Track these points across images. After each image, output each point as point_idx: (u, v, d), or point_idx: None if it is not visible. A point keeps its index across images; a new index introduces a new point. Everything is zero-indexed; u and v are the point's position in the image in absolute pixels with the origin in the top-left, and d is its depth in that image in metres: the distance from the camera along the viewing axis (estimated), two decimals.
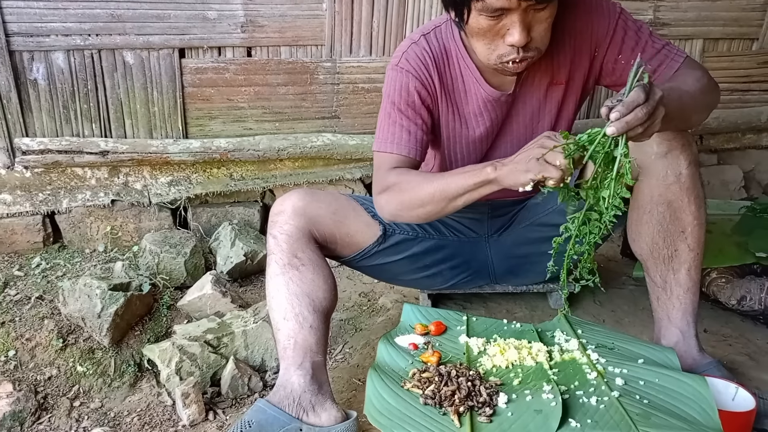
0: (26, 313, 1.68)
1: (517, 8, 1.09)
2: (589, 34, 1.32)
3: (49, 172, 1.98)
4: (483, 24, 1.15)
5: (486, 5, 1.10)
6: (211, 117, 2.03)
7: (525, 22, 1.12)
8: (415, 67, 1.33)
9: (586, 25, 1.31)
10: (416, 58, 1.33)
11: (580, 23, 1.31)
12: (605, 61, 1.35)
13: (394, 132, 1.34)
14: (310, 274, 1.30)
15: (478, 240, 1.59)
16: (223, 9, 1.91)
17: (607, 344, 1.25)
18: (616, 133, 0.98)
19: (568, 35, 1.31)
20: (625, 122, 0.97)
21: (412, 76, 1.33)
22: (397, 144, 1.33)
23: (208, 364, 1.55)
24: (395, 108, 1.34)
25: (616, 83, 1.38)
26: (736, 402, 1.15)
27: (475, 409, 1.03)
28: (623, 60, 1.32)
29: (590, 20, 1.31)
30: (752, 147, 2.53)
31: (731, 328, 1.68)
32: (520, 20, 1.11)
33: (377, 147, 1.36)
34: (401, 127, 1.34)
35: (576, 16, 1.29)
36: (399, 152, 1.33)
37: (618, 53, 1.32)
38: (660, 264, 1.31)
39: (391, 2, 1.99)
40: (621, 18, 1.31)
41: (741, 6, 2.25)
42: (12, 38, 1.80)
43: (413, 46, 1.34)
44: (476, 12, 1.13)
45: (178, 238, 1.98)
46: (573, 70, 1.36)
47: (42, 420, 1.49)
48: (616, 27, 1.30)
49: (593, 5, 1.31)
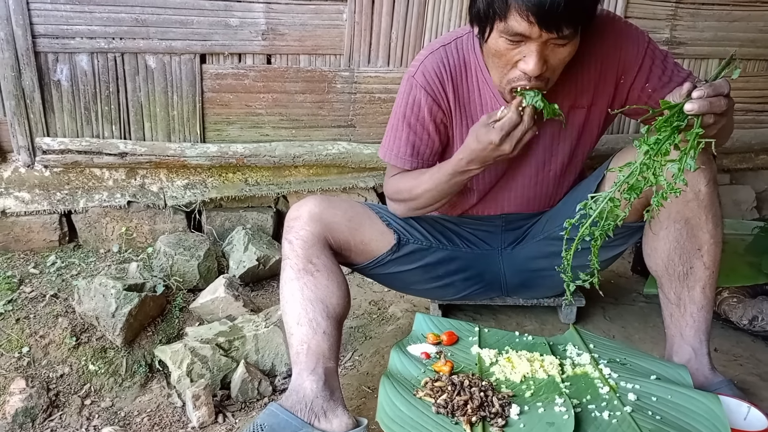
0: (40, 311, 1.70)
1: (538, 39, 1.10)
2: (617, 60, 1.31)
3: (67, 171, 2.00)
4: (501, 46, 1.16)
5: (507, 28, 1.11)
6: (228, 122, 2.06)
7: (542, 53, 1.13)
8: (429, 82, 1.34)
9: (614, 51, 1.30)
10: (432, 71, 1.34)
11: (608, 48, 1.30)
12: (632, 89, 1.34)
13: (399, 146, 1.41)
14: (325, 280, 1.31)
15: (492, 252, 1.59)
16: (245, 16, 1.94)
17: (619, 359, 1.25)
18: (694, 110, 0.98)
19: (594, 59, 1.30)
20: (708, 102, 0.97)
21: (425, 91, 1.34)
22: (401, 158, 1.43)
23: (219, 367, 1.56)
24: (405, 121, 1.39)
25: (638, 112, 1.37)
26: (748, 421, 1.15)
27: (487, 419, 1.04)
28: (650, 89, 1.32)
29: (618, 46, 1.30)
30: (765, 168, 2.53)
31: (742, 348, 1.67)
32: (537, 50, 1.12)
33: (382, 154, 1.46)
34: (406, 142, 1.40)
35: (603, 40, 1.29)
36: (402, 166, 1.43)
37: (645, 81, 1.32)
38: (675, 281, 1.31)
39: (410, 14, 2.01)
40: (650, 47, 1.31)
41: (758, 27, 2.25)
42: (38, 39, 1.84)
43: (431, 56, 1.35)
44: (497, 32, 1.14)
45: (192, 240, 2.00)
46: (596, 95, 1.35)
47: (53, 417, 1.50)
48: (645, 55, 1.30)
49: (622, 31, 1.30)
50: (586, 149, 1.44)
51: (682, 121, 1.02)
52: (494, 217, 1.56)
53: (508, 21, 1.10)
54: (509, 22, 1.10)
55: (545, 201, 1.53)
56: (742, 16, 2.22)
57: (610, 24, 1.30)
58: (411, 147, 1.40)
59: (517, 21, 1.09)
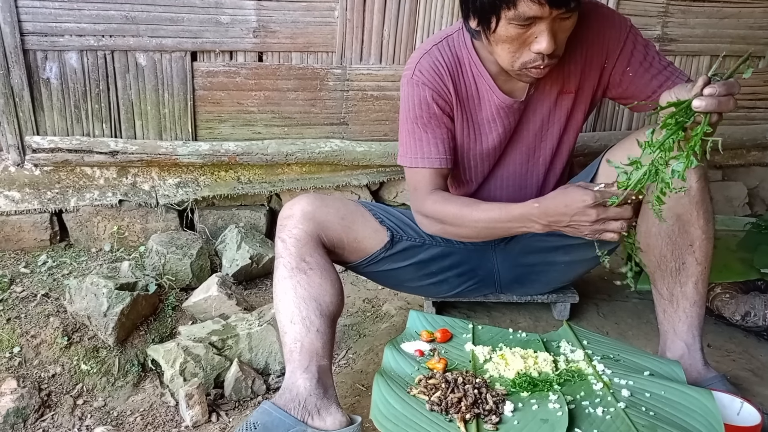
0: (32, 311, 1.68)
1: (548, 17, 1.11)
2: (601, 44, 1.33)
3: (58, 170, 1.99)
4: (512, 32, 1.15)
5: (518, 14, 1.11)
6: (220, 120, 2.04)
7: (552, 30, 1.13)
8: (430, 78, 1.34)
9: (598, 36, 1.32)
10: (430, 68, 1.34)
11: (592, 33, 1.32)
12: (614, 72, 1.36)
13: (421, 147, 1.37)
14: (318, 278, 1.30)
15: (486, 248, 1.59)
16: (236, 14, 1.93)
17: (613, 356, 1.25)
18: (702, 108, 0.98)
19: (580, 45, 1.32)
20: (717, 102, 0.97)
21: (427, 88, 1.34)
22: (428, 158, 1.36)
23: (212, 366, 1.56)
24: (418, 123, 1.36)
25: (622, 95, 1.39)
26: (741, 416, 1.15)
27: (481, 416, 1.04)
28: (631, 72, 1.33)
29: (602, 31, 1.32)
30: (757, 164, 2.54)
31: (735, 343, 1.68)
32: (548, 29, 1.13)
33: (407, 163, 1.38)
34: (428, 141, 1.36)
35: (588, 26, 1.31)
36: (431, 165, 1.37)
37: (626, 65, 1.34)
38: (667, 276, 1.31)
39: (402, 11, 2.01)
40: (631, 32, 1.33)
41: (748, 24, 2.26)
42: (27, 37, 1.82)
43: (425, 56, 1.35)
44: (506, 21, 1.14)
45: (185, 239, 1.99)
46: (583, 80, 1.37)
47: (45, 417, 1.49)
48: (626, 39, 1.32)
49: (605, 17, 1.33)
50: (573, 134, 1.45)
51: (688, 119, 1.01)
52: None
53: (518, 7, 1.10)
54: (519, 9, 1.10)
55: (535, 190, 1.53)
56: (732, 13, 2.23)
57: (594, 10, 1.32)
58: (435, 144, 1.36)
59: (528, 6, 1.09)
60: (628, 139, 1.31)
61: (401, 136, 1.41)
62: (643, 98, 1.36)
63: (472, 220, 1.32)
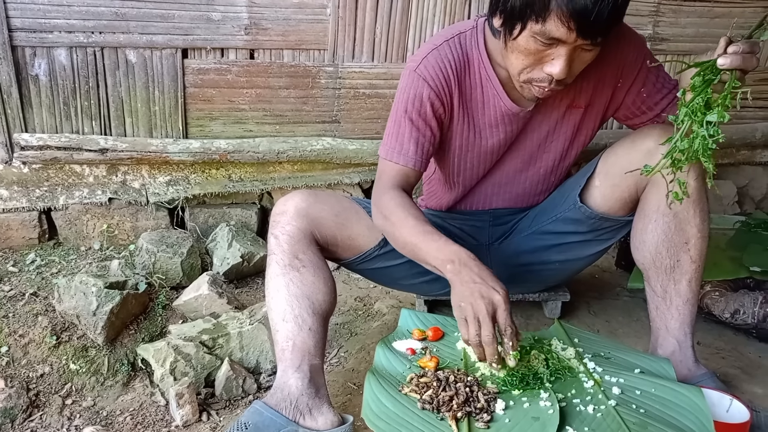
0: (20, 310, 1.67)
1: (572, 43, 1.10)
2: (617, 64, 1.32)
3: (47, 168, 1.97)
4: (531, 46, 1.13)
5: (544, 31, 1.09)
6: (211, 118, 2.03)
7: (571, 57, 1.12)
8: (433, 76, 1.31)
9: (615, 54, 1.31)
10: (436, 65, 1.31)
11: (609, 51, 1.29)
12: (629, 92, 1.36)
13: (402, 142, 1.34)
14: (311, 276, 1.29)
15: (479, 247, 1.59)
16: (228, 11, 1.91)
17: (604, 353, 1.25)
18: (727, 65, 0.99)
19: (595, 61, 1.27)
20: (741, 58, 0.99)
21: (427, 85, 1.31)
22: (404, 156, 1.34)
23: (203, 365, 1.55)
24: (406, 117, 1.33)
25: (631, 115, 1.39)
26: (730, 413, 1.16)
27: (472, 414, 1.03)
28: (645, 93, 1.34)
29: (620, 49, 1.31)
30: (746, 163, 2.56)
31: (724, 341, 1.69)
32: (567, 54, 1.11)
33: (384, 154, 1.37)
34: (409, 138, 1.33)
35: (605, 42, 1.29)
36: (405, 164, 1.34)
37: (642, 85, 1.34)
38: (662, 274, 1.32)
39: (395, 10, 2.00)
40: (648, 52, 1.33)
41: (739, 24, 2.27)
42: (15, 33, 1.80)
43: (435, 51, 1.32)
44: (530, 32, 1.12)
45: (175, 238, 1.97)
46: (594, 96, 1.36)
47: (33, 417, 1.47)
48: (644, 61, 1.32)
49: (623, 35, 1.31)
50: (578, 149, 1.45)
51: (715, 76, 1.04)
52: (482, 212, 1.57)
53: (546, 24, 1.08)
54: (547, 26, 1.08)
55: (533, 197, 1.53)
56: (723, 13, 2.24)
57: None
58: (415, 144, 1.33)
59: (556, 26, 1.07)
60: (626, 140, 1.32)
61: (389, 123, 1.38)
62: (652, 116, 1.38)
63: (402, 235, 1.26)
